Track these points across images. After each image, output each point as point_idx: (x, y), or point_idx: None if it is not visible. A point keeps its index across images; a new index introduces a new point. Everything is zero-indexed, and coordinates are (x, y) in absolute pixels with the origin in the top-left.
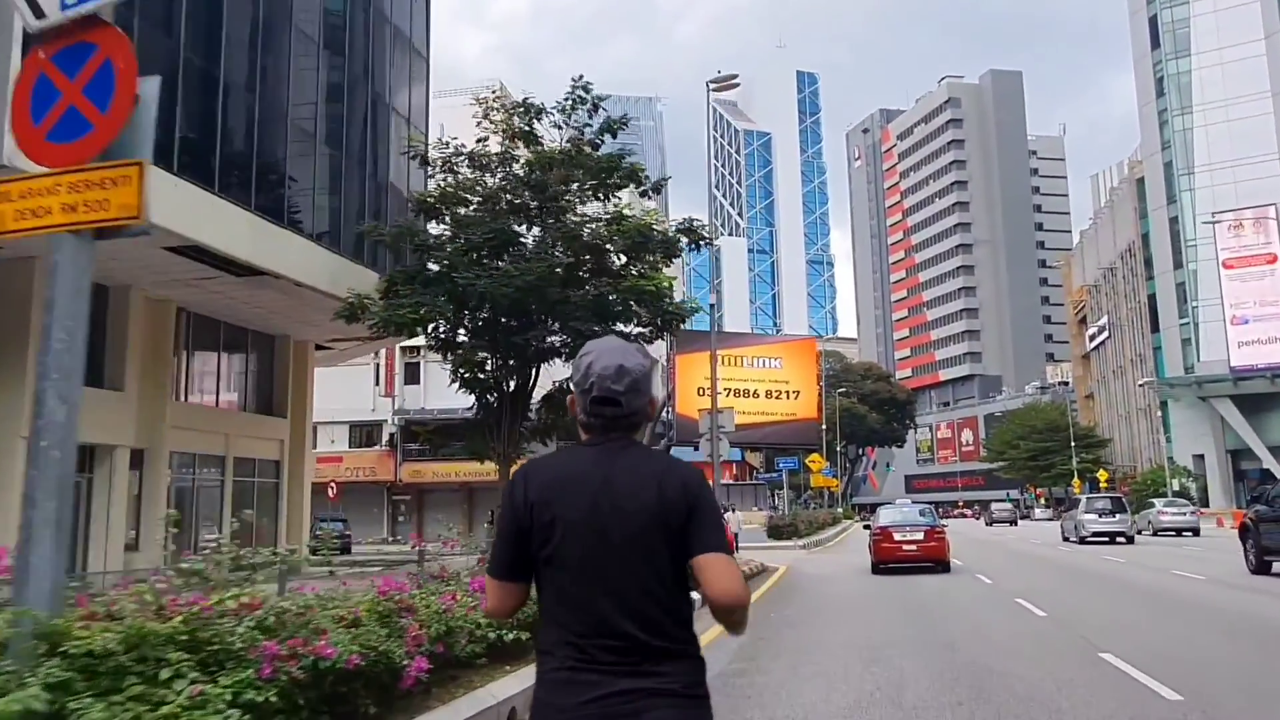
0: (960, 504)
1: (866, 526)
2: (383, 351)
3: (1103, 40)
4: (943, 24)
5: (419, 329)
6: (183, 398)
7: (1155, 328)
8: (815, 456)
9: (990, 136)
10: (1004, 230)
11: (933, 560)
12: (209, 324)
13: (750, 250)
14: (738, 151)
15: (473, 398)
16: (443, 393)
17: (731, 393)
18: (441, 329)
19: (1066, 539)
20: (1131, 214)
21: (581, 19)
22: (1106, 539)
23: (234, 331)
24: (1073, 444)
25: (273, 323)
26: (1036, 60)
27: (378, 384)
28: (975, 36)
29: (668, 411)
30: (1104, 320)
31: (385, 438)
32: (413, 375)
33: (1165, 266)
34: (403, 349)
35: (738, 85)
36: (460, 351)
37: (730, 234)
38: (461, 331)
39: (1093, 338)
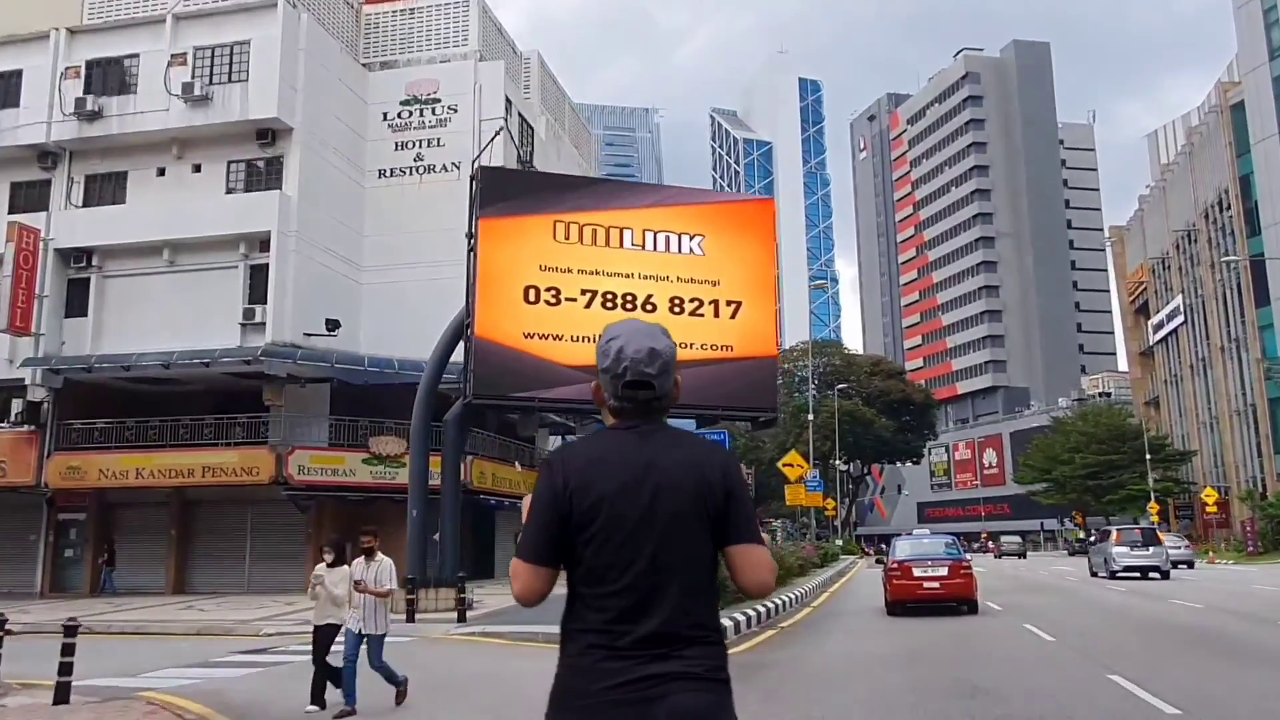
0: (984, 535)
1: (880, 561)
2: (7, 251)
3: (1108, 64)
4: (949, 50)
5: None
6: None
7: (1262, 300)
8: (794, 456)
9: (1014, 116)
10: (1030, 221)
11: (958, 599)
12: None
13: None
14: (736, 162)
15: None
16: (134, 329)
17: (600, 300)
18: None
19: (1095, 573)
20: (1223, 153)
21: (580, 40)
22: (1138, 574)
23: None
24: (1148, 457)
25: None
26: None
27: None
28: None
29: (468, 337)
30: (1177, 302)
31: (18, 409)
32: (78, 299)
33: (1278, 215)
34: (64, 254)
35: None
36: None
37: None
38: None
39: (1159, 326)
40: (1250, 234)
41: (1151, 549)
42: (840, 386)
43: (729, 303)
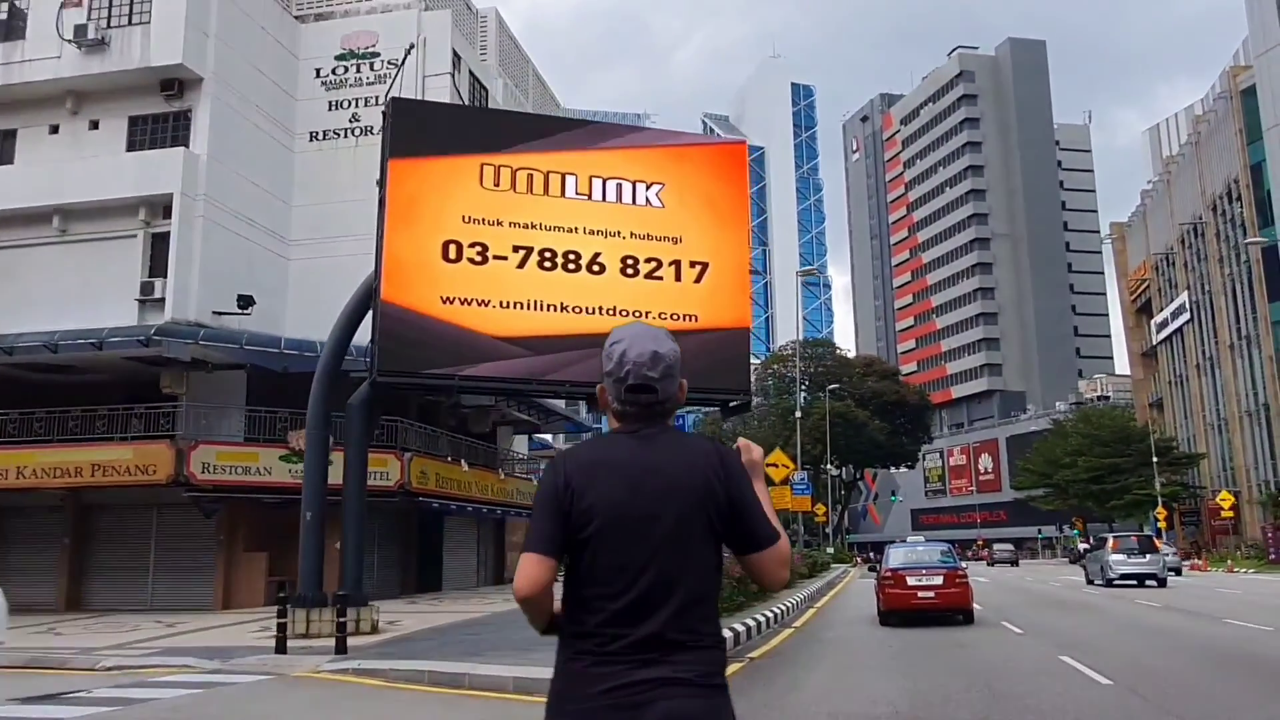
0: (980, 542)
1: (872, 569)
2: None
3: (1102, 72)
4: (942, 58)
5: None
6: None
7: (1275, 293)
8: (778, 455)
9: (1009, 114)
10: (1026, 222)
11: (954, 609)
12: None
13: None
14: None
15: None
16: (19, 308)
17: (536, 258)
18: None
19: (1091, 581)
20: (1232, 141)
21: (575, 46)
22: (1135, 581)
23: None
24: (1155, 459)
25: None
26: None
27: None
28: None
29: (375, 304)
30: (1183, 299)
31: None
32: None
33: None
34: None
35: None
36: None
37: None
38: None
39: (1162, 325)
40: (1263, 224)
41: (1149, 556)
42: (832, 387)
43: (693, 264)
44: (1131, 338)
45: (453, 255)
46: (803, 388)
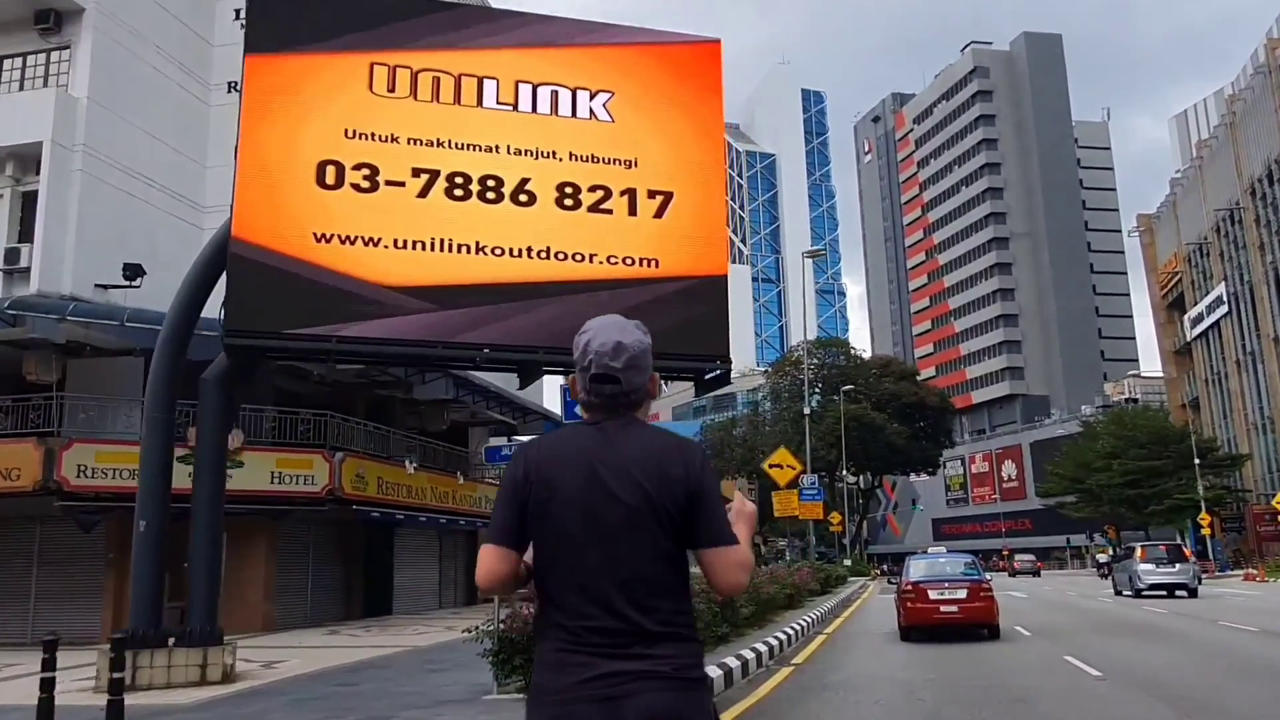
0: (1006, 552)
1: (892, 582)
2: None
3: (1115, 80)
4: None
5: None
6: None
7: None
8: (783, 454)
9: (1026, 110)
10: (1046, 220)
11: (979, 624)
12: None
13: (755, 279)
14: (740, 175)
15: None
16: None
17: (443, 184)
18: None
19: (1119, 592)
20: (1272, 118)
21: None
22: (1165, 592)
23: None
24: (1197, 461)
25: None
26: None
27: None
28: None
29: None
30: (1219, 291)
31: None
32: None
33: None
34: None
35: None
36: None
37: (733, 261)
38: None
39: (1197, 320)
40: None
41: (1178, 566)
42: (846, 388)
43: (652, 194)
44: (1163, 335)
45: (331, 180)
46: (816, 390)
